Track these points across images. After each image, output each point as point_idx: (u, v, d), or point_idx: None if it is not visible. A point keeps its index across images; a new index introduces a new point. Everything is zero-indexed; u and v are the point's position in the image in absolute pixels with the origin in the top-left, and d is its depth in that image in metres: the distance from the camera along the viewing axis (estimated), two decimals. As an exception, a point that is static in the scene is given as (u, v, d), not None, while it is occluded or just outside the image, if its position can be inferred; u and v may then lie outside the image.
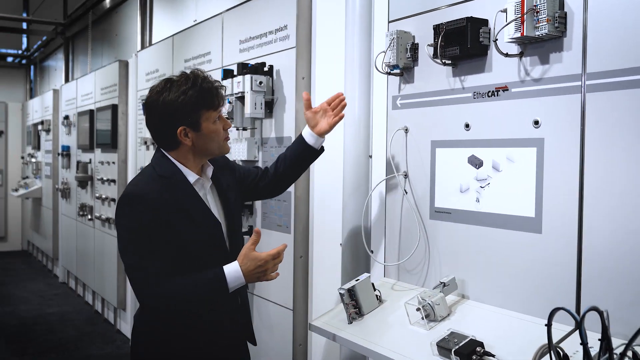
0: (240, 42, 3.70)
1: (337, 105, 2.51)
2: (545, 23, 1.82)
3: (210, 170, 2.26)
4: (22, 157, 11.06)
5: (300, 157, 2.53)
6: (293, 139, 3.19)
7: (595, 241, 1.79)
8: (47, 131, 9.11)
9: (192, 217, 2.11)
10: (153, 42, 5.72)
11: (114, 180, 6.12)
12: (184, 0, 5.35)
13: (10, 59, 12.30)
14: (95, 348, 5.77)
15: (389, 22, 2.55)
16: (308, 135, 2.50)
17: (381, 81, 2.66)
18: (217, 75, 3.72)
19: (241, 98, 3.36)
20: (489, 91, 2.11)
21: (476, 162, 2.16)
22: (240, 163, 3.60)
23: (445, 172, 2.30)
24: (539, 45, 1.94)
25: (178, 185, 2.13)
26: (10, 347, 5.79)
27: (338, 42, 3.01)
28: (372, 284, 2.38)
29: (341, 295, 2.32)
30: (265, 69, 3.36)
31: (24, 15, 10.89)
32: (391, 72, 2.46)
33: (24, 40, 12.06)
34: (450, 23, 2.13)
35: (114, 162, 6.14)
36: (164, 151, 2.19)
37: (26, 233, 11.31)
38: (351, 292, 2.32)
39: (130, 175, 5.83)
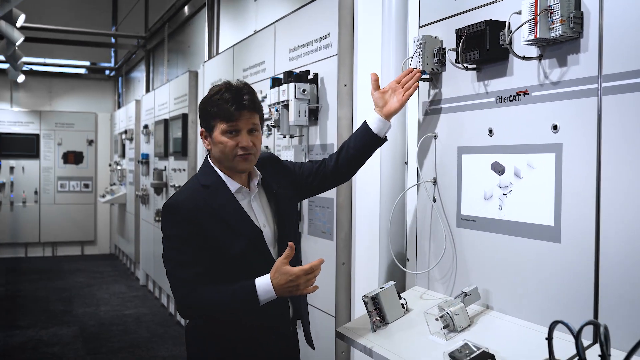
0: (290, 51, 3.75)
1: (409, 79, 2.38)
2: (559, 24, 1.76)
3: (257, 179, 2.29)
4: (110, 165, 11.62)
5: (364, 145, 2.44)
6: (335, 146, 3.20)
7: (612, 251, 1.71)
8: (130, 140, 9.54)
9: (230, 226, 2.16)
10: (220, 52, 5.88)
11: (184, 187, 6.31)
12: (246, 12, 5.48)
13: (107, 72, 12.96)
14: (164, 349, 5.98)
15: (420, 27, 2.52)
16: (374, 121, 2.39)
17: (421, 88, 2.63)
18: (266, 84, 3.79)
19: (287, 106, 3.40)
20: (511, 95, 2.05)
21: (499, 169, 2.10)
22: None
23: (470, 178, 2.24)
24: (557, 47, 1.86)
25: (219, 194, 2.19)
26: (86, 345, 6.09)
27: (379, 48, 3.00)
28: (398, 292, 2.35)
29: (365, 303, 2.31)
30: (310, 76, 3.40)
31: (113, 30, 11.48)
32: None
33: (113, 54, 12.69)
34: (471, 27, 2.09)
35: (184, 169, 6.35)
36: (210, 161, 2.27)
37: (114, 237, 11.87)
38: (375, 300, 2.30)
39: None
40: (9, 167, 11.56)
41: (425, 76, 2.43)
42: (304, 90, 3.31)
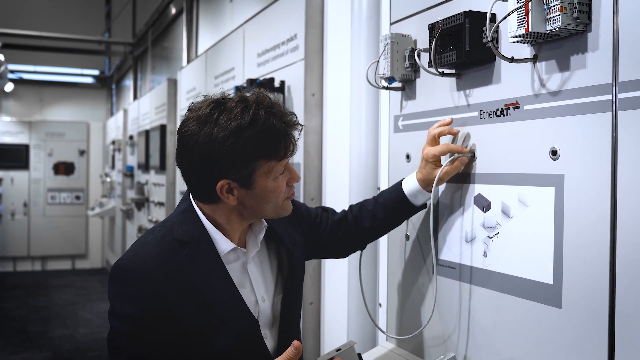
0: (258, 56, 3.30)
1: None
2: (558, 13, 1.28)
3: (262, 233, 1.58)
4: (101, 176, 11.19)
5: (396, 211, 1.80)
6: (302, 167, 2.74)
7: (632, 324, 1.23)
8: (119, 150, 9.10)
9: (214, 310, 1.45)
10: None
11: (162, 203, 5.87)
12: (223, 13, 5.04)
13: (94, 80, 12.56)
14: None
15: (391, 24, 2.05)
16: (410, 185, 1.77)
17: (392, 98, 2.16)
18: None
19: (249, 118, 2.94)
20: (498, 109, 1.57)
21: (483, 204, 1.62)
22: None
23: (449, 214, 1.77)
24: (557, 44, 1.39)
25: (201, 257, 1.47)
26: (55, 375, 5.64)
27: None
28: (359, 355, 1.87)
29: (316, 369, 1.83)
30: (277, 84, 2.94)
31: (107, 36, 11.07)
32: (389, 86, 1.97)
33: (107, 61, 12.31)
34: (447, 20, 1.62)
35: (163, 184, 5.90)
36: (193, 201, 1.53)
37: (105, 251, 11.42)
38: (329, 365, 1.83)
39: (178, 199, 5.56)
40: (-3, 179, 11.16)
41: (396, 84, 1.96)
42: (266, 101, 2.84)
